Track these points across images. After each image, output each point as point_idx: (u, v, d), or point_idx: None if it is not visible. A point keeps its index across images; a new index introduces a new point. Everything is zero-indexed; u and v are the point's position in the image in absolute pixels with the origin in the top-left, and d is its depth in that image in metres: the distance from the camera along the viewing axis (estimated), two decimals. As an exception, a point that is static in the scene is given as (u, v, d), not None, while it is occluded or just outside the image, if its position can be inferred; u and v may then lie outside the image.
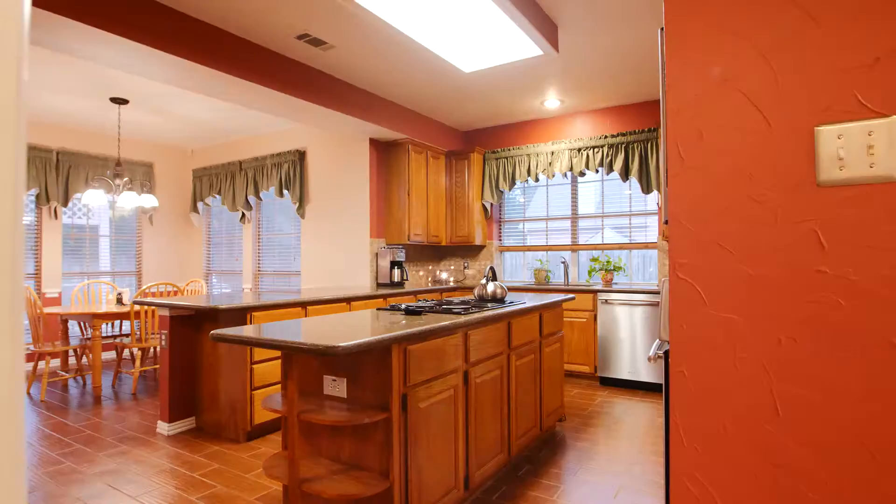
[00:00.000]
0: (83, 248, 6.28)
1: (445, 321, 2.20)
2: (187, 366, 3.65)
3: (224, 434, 3.47)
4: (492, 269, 3.03)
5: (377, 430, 1.92)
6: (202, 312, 3.57)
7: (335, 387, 2.03)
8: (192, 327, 3.64)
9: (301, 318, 2.32)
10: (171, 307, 3.44)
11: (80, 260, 6.25)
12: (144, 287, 4.79)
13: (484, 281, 2.98)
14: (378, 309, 2.70)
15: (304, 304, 3.71)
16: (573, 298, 3.63)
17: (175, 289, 5.58)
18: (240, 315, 3.35)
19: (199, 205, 7.08)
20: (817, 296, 0.99)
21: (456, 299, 3.11)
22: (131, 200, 4.95)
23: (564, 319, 4.86)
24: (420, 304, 2.72)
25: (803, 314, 1.00)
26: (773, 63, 1.04)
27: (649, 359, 1.24)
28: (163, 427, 3.55)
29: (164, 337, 3.57)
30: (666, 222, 1.21)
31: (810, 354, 0.99)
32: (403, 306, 2.45)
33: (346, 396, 2.01)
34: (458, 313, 2.45)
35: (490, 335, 2.53)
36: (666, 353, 1.24)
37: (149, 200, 5.20)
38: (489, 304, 2.83)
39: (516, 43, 3.34)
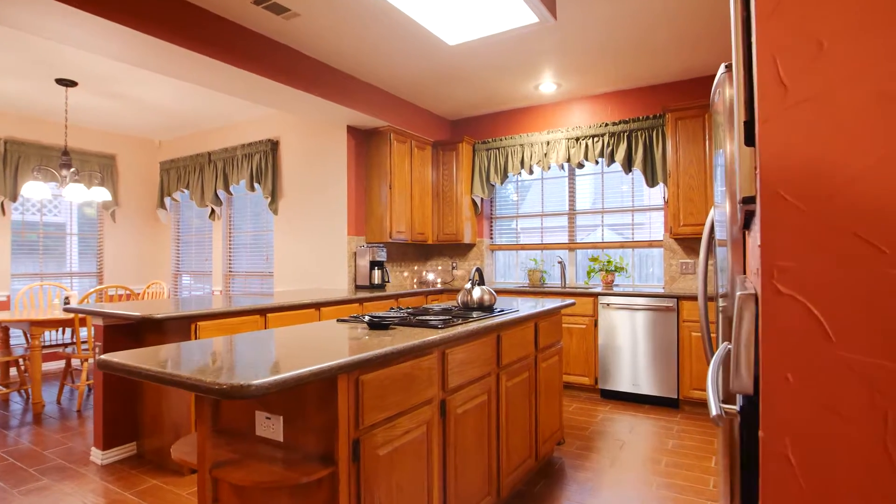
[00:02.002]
0: (50, 246, 5.74)
1: (416, 339, 1.72)
2: (127, 383, 3.14)
3: (168, 464, 2.97)
4: (478, 270, 2.55)
5: (321, 488, 1.44)
6: (142, 322, 3.06)
7: (269, 427, 1.54)
8: (132, 338, 3.13)
9: (249, 333, 1.84)
10: (104, 315, 2.94)
11: (37, 260, 5.71)
12: (92, 291, 4.27)
13: (469, 285, 2.50)
14: (339, 320, 2.22)
15: (263, 312, 3.21)
16: (573, 304, 3.16)
17: (127, 292, 5.06)
18: (183, 325, 2.85)
19: (167, 200, 6.55)
20: None
21: (436, 306, 2.63)
22: (78, 194, 4.42)
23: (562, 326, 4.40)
24: (390, 314, 2.24)
25: None
26: None
27: (714, 419, 0.77)
28: (96, 455, 3.05)
29: (98, 350, 3.06)
30: (747, 201, 0.74)
31: None
32: (367, 318, 1.98)
33: (282, 440, 1.52)
34: (435, 327, 1.97)
35: (475, 353, 2.05)
36: (743, 410, 0.77)
37: (100, 194, 4.67)
38: (474, 314, 2.36)
39: (508, 7, 2.86)
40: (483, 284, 2.56)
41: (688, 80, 4.56)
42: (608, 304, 4.27)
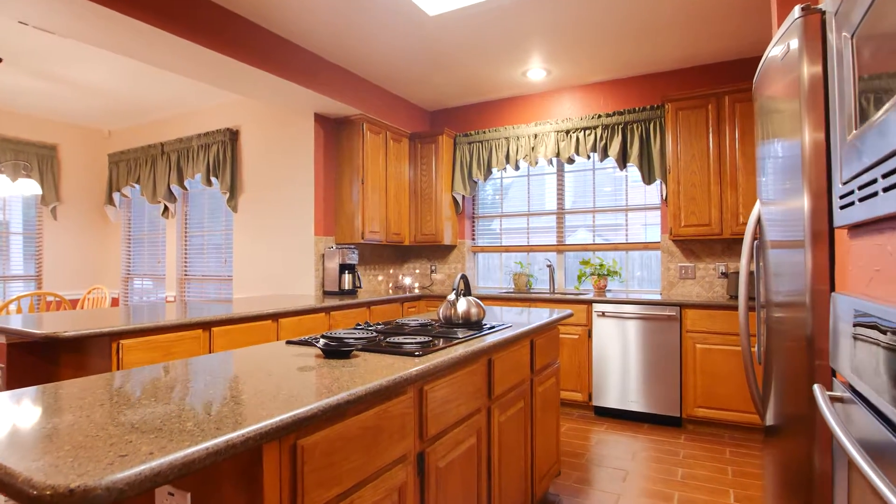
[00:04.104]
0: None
1: (385, 373, 1.26)
2: (39, 412, 2.60)
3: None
4: (464, 278, 2.10)
5: None
6: (50, 341, 2.52)
7: (169, 509, 1.06)
8: (44, 359, 2.59)
9: (155, 367, 1.36)
10: (6, 332, 2.39)
11: (-43, 262, 5.06)
12: (13, 299, 3.68)
13: (453, 296, 2.05)
14: (288, 342, 1.74)
15: (206, 326, 2.71)
16: (571, 315, 2.74)
17: (57, 299, 4.46)
18: (103, 344, 2.33)
19: (116, 196, 5.93)
20: None
21: (412, 321, 2.17)
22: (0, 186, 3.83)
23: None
24: (355, 332, 1.78)
25: None
26: None
27: None
28: (-3, 502, 2.49)
29: (1, 373, 2.51)
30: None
31: None
32: (321, 341, 1.52)
33: (187, 529, 1.04)
34: (411, 353, 1.52)
35: (462, 385, 1.60)
36: None
37: (28, 187, 4.08)
38: (459, 332, 1.91)
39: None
40: (469, 294, 2.11)
41: (689, 69, 4.21)
42: (603, 313, 3.88)
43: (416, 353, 1.51)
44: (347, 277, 4.33)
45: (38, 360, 2.55)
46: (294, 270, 4.50)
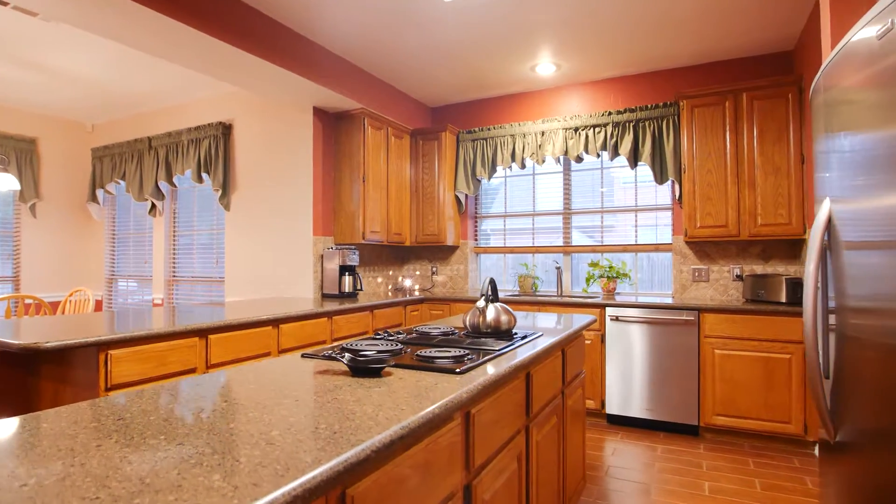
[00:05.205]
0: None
1: (428, 394, 1.08)
2: (16, 429, 2.36)
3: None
4: (492, 282, 1.92)
5: None
6: (31, 352, 2.29)
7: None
8: (23, 370, 2.35)
9: (156, 388, 1.15)
10: (-21, 341, 2.15)
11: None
12: (-11, 302, 3.42)
13: (482, 303, 1.87)
14: (304, 356, 1.55)
15: (203, 333, 2.49)
16: (594, 321, 2.58)
17: (36, 302, 4.19)
18: (89, 355, 2.11)
19: (100, 192, 5.64)
20: None
21: (433, 329, 1.99)
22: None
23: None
24: (376, 343, 1.59)
25: None
26: None
27: None
28: (-32, 529, 2.25)
29: (-26, 386, 2.27)
30: None
31: None
32: (346, 357, 1.33)
33: None
34: (449, 369, 1.33)
35: (504, 406, 1.42)
36: None
37: (5, 182, 3.81)
38: (489, 342, 1.73)
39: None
40: (497, 300, 1.93)
41: (703, 65, 4.08)
42: (617, 317, 3.72)
43: (456, 370, 1.33)
44: (348, 279, 4.12)
45: (14, 371, 2.32)
46: (290, 272, 4.28)
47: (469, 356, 1.50)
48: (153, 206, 5.16)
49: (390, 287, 5.10)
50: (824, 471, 1.79)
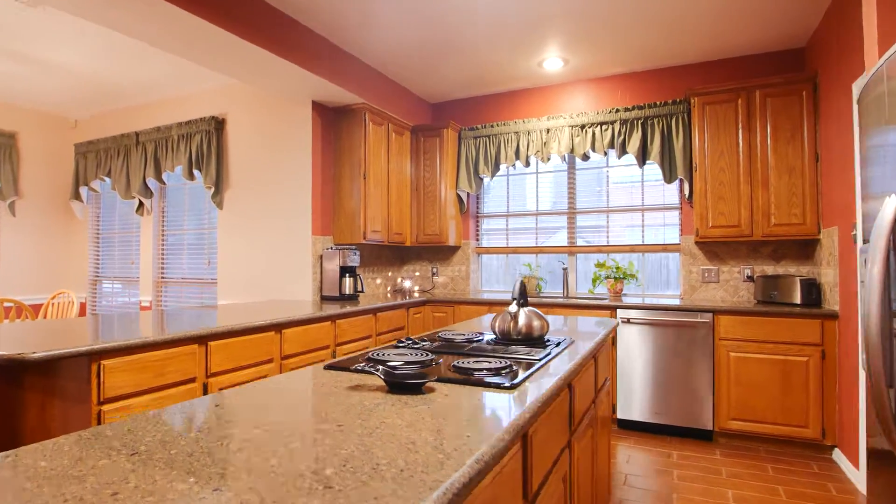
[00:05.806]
0: None
1: (483, 416, 0.94)
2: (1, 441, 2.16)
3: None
4: (522, 285, 1.79)
5: None
6: (15, 363, 2.10)
7: None
8: (4, 381, 2.16)
9: (157, 413, 0.99)
10: (-44, 350, 1.96)
11: None
12: (-35, 305, 3.19)
13: (513, 307, 1.73)
14: (327, 367, 1.40)
15: (202, 340, 2.32)
16: (616, 325, 2.46)
17: (16, 306, 3.95)
18: (80, 366, 1.93)
19: (83, 190, 5.39)
20: None
21: (456, 336, 1.85)
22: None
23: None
24: (404, 353, 1.44)
25: None
26: None
27: None
28: (-56, 557, 2.05)
29: (-50, 399, 2.07)
30: None
31: None
32: (380, 370, 1.18)
33: None
34: (497, 384, 1.20)
35: (552, 422, 1.29)
36: None
37: (-18, 178, 3.57)
38: (520, 349, 1.60)
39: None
40: (527, 304, 1.80)
41: (711, 62, 4.00)
42: (628, 319, 3.62)
43: (505, 385, 1.19)
44: (348, 281, 3.96)
45: (-4, 382, 2.12)
46: (287, 273, 4.10)
47: (511, 367, 1.37)
48: (141, 204, 4.94)
49: (389, 288, 4.95)
50: (874, 480, 1.70)
